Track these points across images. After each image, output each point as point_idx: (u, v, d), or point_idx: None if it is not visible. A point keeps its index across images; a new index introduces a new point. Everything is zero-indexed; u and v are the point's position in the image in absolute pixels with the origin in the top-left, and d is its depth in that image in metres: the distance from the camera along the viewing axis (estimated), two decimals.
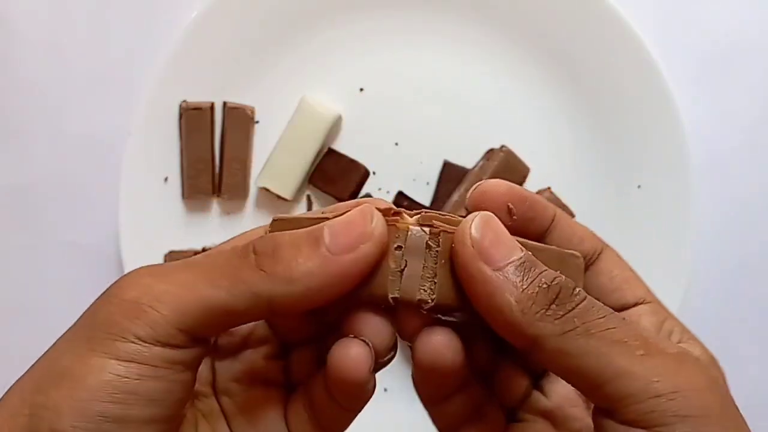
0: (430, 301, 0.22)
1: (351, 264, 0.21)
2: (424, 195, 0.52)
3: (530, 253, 0.22)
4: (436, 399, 0.27)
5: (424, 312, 0.22)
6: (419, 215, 0.23)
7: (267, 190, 0.51)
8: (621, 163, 0.51)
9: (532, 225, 0.26)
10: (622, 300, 0.27)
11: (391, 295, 0.22)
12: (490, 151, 0.51)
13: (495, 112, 0.52)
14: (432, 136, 0.52)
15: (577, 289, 0.22)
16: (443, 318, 0.23)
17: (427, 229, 0.22)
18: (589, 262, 0.27)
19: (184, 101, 0.51)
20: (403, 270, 0.22)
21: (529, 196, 0.25)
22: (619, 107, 0.51)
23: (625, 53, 0.50)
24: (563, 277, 0.22)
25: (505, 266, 0.21)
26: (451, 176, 0.51)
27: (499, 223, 0.23)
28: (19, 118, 0.54)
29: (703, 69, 0.53)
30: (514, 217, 0.25)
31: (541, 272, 0.22)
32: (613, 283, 0.27)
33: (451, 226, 0.22)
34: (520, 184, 0.51)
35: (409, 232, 0.22)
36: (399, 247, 0.22)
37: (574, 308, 0.21)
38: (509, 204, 0.25)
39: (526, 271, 0.21)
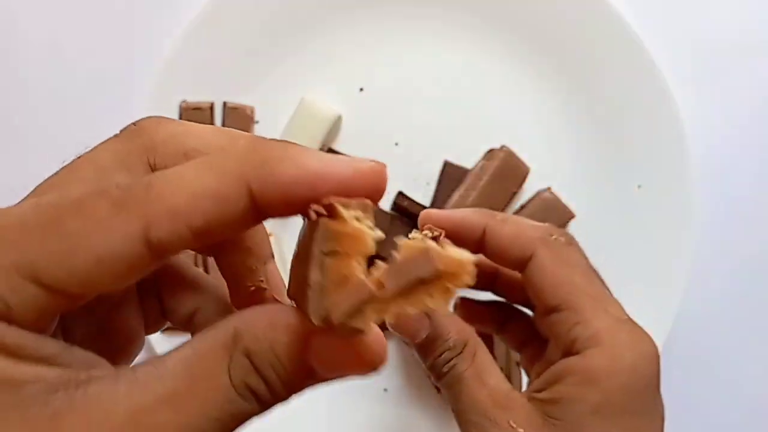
0: None
1: None
2: (424, 195, 0.52)
3: None
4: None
5: None
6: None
7: None
8: (621, 163, 0.51)
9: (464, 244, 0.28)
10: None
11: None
12: (491, 151, 0.51)
13: (495, 112, 0.52)
14: (432, 136, 0.52)
15: None
16: None
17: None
18: (522, 267, 0.31)
19: (184, 101, 0.51)
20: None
21: (451, 225, 0.30)
22: (619, 107, 0.51)
23: (625, 53, 0.50)
24: None
25: None
26: (451, 176, 0.51)
27: None
28: (19, 118, 0.54)
29: (704, 69, 0.53)
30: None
31: None
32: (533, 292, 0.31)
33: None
34: (520, 184, 0.51)
35: None
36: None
37: None
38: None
39: None
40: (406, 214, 0.51)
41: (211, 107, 0.52)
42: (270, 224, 0.54)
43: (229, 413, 0.17)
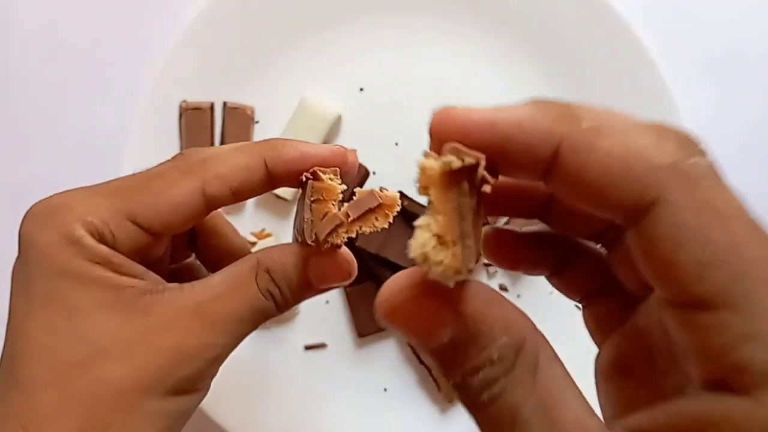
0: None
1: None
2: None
3: None
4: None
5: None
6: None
7: None
8: None
9: (522, 170, 0.18)
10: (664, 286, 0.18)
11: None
12: None
13: None
14: None
15: None
16: None
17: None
18: (635, 218, 0.17)
19: (184, 101, 0.51)
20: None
21: (497, 138, 0.18)
22: (619, 107, 0.51)
23: (626, 55, 0.50)
24: None
25: None
26: None
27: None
28: (19, 118, 0.54)
29: (704, 70, 0.53)
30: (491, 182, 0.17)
31: None
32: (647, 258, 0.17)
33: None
34: None
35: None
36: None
37: None
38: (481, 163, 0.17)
39: None
40: (406, 213, 0.51)
41: (211, 107, 0.52)
42: (270, 226, 0.54)
43: (257, 309, 0.26)
